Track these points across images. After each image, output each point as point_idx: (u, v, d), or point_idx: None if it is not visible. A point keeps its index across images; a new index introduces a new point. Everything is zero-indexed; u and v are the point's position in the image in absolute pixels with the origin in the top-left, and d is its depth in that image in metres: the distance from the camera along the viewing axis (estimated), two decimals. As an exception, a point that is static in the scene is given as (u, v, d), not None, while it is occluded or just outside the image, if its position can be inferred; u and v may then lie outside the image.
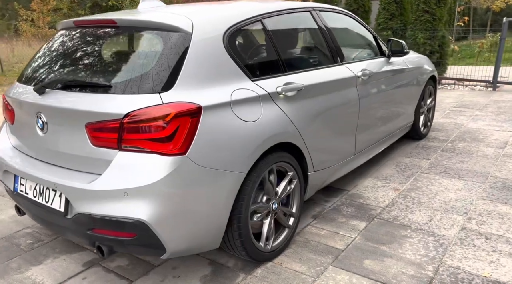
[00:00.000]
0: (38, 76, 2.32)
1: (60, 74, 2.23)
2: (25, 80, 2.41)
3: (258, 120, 2.23)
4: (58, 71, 2.26)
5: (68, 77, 2.17)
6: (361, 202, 3.21)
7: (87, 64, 2.20)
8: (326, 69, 2.87)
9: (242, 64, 2.31)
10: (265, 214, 2.41)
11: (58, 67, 2.28)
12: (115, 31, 2.27)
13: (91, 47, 2.26)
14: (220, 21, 2.28)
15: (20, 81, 2.46)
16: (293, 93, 2.51)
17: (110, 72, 2.10)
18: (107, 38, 2.27)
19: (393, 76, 3.70)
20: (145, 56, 2.09)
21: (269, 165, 2.33)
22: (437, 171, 3.77)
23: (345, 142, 3.10)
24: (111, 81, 2.05)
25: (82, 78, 2.14)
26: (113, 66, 2.12)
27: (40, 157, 2.29)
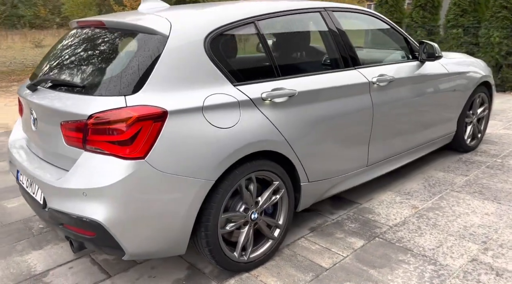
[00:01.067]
0: (37, 74, 2.46)
1: (50, 73, 2.34)
2: (32, 78, 2.57)
3: (234, 127, 2.15)
4: (50, 70, 2.37)
5: (54, 76, 2.27)
6: (369, 217, 2.98)
7: (72, 64, 2.28)
8: (330, 74, 2.69)
9: (226, 68, 2.24)
10: (242, 223, 2.33)
11: (52, 66, 2.39)
12: (104, 32, 2.33)
13: (82, 47, 2.34)
14: (203, 24, 2.23)
15: (30, 78, 2.64)
16: (283, 99, 2.39)
17: (87, 73, 2.16)
18: (97, 40, 2.33)
19: (425, 82, 3.37)
20: (119, 58, 2.11)
21: (246, 174, 2.24)
22: (470, 190, 3.37)
23: (353, 153, 2.89)
24: (85, 82, 2.10)
25: (64, 78, 2.23)
26: (90, 67, 2.18)
27: (34, 150, 2.43)
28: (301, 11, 2.71)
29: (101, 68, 2.12)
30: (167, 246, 2.08)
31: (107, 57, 2.15)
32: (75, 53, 2.33)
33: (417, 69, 3.32)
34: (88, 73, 2.16)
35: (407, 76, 3.19)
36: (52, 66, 2.39)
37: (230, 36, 2.35)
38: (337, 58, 2.82)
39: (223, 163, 2.10)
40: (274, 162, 2.39)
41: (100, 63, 2.15)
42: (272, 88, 2.36)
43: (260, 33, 2.43)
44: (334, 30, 2.82)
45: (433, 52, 3.27)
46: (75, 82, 2.14)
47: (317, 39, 2.87)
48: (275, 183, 2.44)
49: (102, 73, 2.09)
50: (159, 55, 2.05)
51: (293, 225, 2.91)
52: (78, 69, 2.22)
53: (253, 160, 2.28)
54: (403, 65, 3.24)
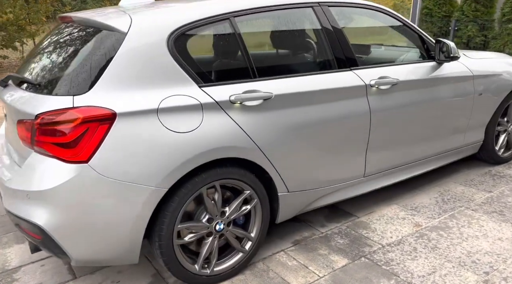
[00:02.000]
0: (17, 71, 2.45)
1: (20, 70, 2.31)
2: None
3: (194, 132, 2.00)
4: (22, 66, 2.35)
5: (21, 73, 2.24)
6: (361, 233, 2.71)
7: (38, 61, 2.23)
8: (317, 76, 2.44)
9: (193, 69, 2.09)
10: (205, 234, 2.19)
11: (26, 62, 2.37)
12: (72, 29, 2.26)
13: (51, 44, 2.29)
14: (168, 21, 2.08)
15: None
16: (257, 103, 2.20)
17: (45, 71, 2.10)
18: (64, 36, 2.27)
19: (442, 85, 3.01)
20: (76, 56, 2.03)
21: (208, 182, 2.09)
22: (489, 209, 2.98)
23: (345, 162, 2.63)
24: (42, 80, 2.04)
25: (26, 75, 2.18)
26: (50, 65, 2.11)
27: (6, 147, 2.43)
28: (289, 7, 2.47)
29: (59, 66, 2.05)
30: (116, 255, 1.99)
31: (66, 55, 2.08)
32: (44, 50, 2.29)
33: (432, 71, 2.96)
34: (46, 71, 2.10)
35: (417, 79, 2.86)
36: (25, 62, 2.37)
37: (199, 34, 2.18)
38: (329, 58, 2.56)
39: (178, 170, 1.96)
40: (244, 170, 2.21)
41: (58, 61, 2.09)
42: (244, 90, 2.17)
43: (236, 31, 2.25)
44: (328, 28, 2.56)
45: (447, 52, 2.89)
46: (33, 79, 2.09)
47: (307, 37, 2.63)
48: (246, 192, 2.26)
49: (58, 71, 2.02)
50: (114, 54, 1.94)
51: (277, 236, 2.71)
52: (41, 66, 2.17)
53: (217, 167, 2.11)
54: (414, 66, 2.90)
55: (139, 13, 2.10)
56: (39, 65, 2.19)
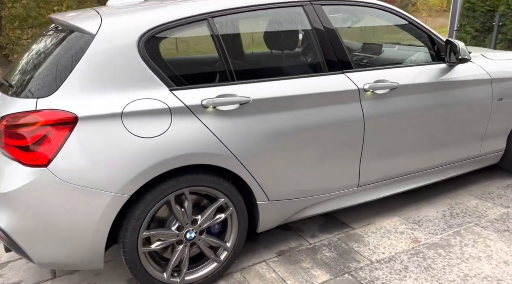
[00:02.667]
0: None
1: (7, 72, 2.34)
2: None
3: (160, 137, 1.93)
4: (11, 68, 2.36)
5: (7, 75, 2.26)
6: (352, 247, 2.54)
7: (20, 63, 2.24)
8: (302, 80, 2.29)
9: (164, 72, 2.02)
10: (175, 242, 2.12)
11: (13, 64, 2.38)
12: (53, 31, 2.26)
13: (36, 46, 2.29)
14: (140, 22, 2.02)
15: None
16: (233, 107, 2.09)
17: (20, 73, 2.10)
18: (46, 38, 2.26)
19: (452, 89, 2.75)
20: (47, 58, 2.01)
21: (176, 189, 2.02)
22: (501, 227, 2.70)
23: (335, 171, 2.47)
24: (16, 82, 2.05)
25: (5, 77, 2.20)
26: (25, 67, 2.12)
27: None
28: (276, 6, 2.34)
29: (31, 68, 2.05)
30: (79, 259, 1.96)
31: (40, 57, 2.07)
32: (27, 51, 2.29)
33: (441, 73, 2.72)
34: (21, 73, 2.10)
35: (422, 82, 2.63)
36: (14, 64, 2.39)
37: (174, 35, 2.11)
38: (318, 60, 2.41)
39: (140, 177, 1.90)
40: (218, 177, 2.12)
41: (33, 63, 2.08)
42: (218, 94, 2.08)
43: (214, 32, 2.15)
44: (319, 28, 2.40)
45: (456, 54, 2.64)
46: (9, 82, 2.10)
47: (294, 38, 2.48)
48: (220, 200, 2.17)
49: (29, 73, 2.02)
50: (81, 56, 1.90)
51: (262, 245, 2.61)
52: (19, 68, 2.18)
53: (187, 174, 2.04)
54: (419, 69, 2.67)
55: (111, 15, 2.06)
56: (18, 67, 2.20)
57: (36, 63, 2.05)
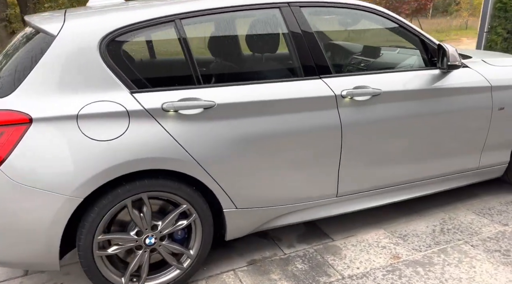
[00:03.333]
0: None
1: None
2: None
3: (116, 140, 1.91)
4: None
5: None
6: (327, 260, 2.43)
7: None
8: (273, 84, 2.20)
9: (126, 74, 1.99)
10: (134, 247, 2.09)
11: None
12: (26, 32, 2.27)
13: (9, 45, 2.32)
14: (103, 24, 2.00)
15: None
16: (196, 112, 2.04)
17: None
18: (20, 38, 2.28)
19: (445, 96, 2.58)
20: (10, 58, 2.02)
21: (133, 194, 1.99)
22: (493, 247, 2.51)
23: (311, 180, 2.37)
24: None
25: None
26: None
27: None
28: (250, 8, 2.26)
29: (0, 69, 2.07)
30: (36, 260, 1.96)
31: (8, 58, 2.08)
32: (1, 52, 2.32)
33: (432, 80, 2.55)
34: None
35: (410, 89, 2.48)
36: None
37: (138, 37, 2.07)
38: (294, 65, 2.31)
39: (94, 180, 1.88)
40: (179, 183, 2.08)
41: (1, 64, 2.10)
42: (180, 97, 2.03)
43: (181, 34, 2.10)
44: (296, 31, 2.30)
45: (447, 59, 2.46)
46: None
47: (268, 41, 2.38)
48: (183, 206, 2.12)
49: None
50: (40, 57, 1.90)
51: (236, 253, 2.54)
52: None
53: (145, 178, 2.00)
54: (406, 75, 2.52)
55: (75, 16, 2.04)
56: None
57: (3, 64, 2.07)
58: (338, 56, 3.15)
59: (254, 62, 2.48)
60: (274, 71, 2.37)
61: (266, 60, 2.45)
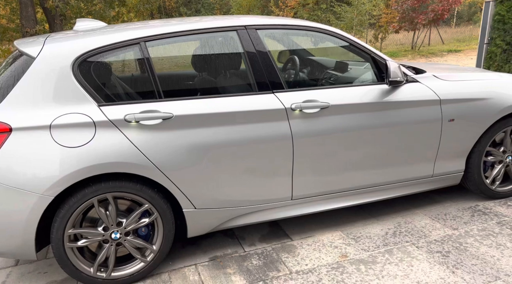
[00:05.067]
0: None
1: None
2: None
3: (83, 147, 2.22)
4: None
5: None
6: (282, 258, 2.68)
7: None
8: (228, 98, 2.49)
9: (95, 90, 2.32)
10: (101, 241, 2.39)
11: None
12: (15, 53, 2.61)
13: (3, 65, 2.67)
14: (76, 46, 2.33)
15: None
16: (155, 122, 2.34)
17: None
18: (9, 59, 2.62)
19: (394, 109, 2.80)
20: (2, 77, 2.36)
21: (98, 193, 2.29)
22: (436, 248, 2.70)
23: (265, 184, 2.63)
24: None
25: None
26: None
27: None
28: (209, 31, 2.56)
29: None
30: (14, 251, 2.28)
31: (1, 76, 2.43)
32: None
33: (381, 94, 2.78)
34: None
35: (357, 103, 2.72)
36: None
37: (107, 57, 2.39)
38: (249, 81, 2.59)
39: (64, 181, 2.19)
40: (141, 185, 2.37)
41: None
42: (141, 110, 2.33)
43: (145, 55, 2.41)
44: (252, 51, 2.58)
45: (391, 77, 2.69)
46: None
47: (224, 60, 2.67)
48: (145, 206, 2.41)
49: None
50: (22, 76, 2.24)
51: (201, 249, 2.81)
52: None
53: (110, 180, 2.30)
54: (355, 89, 2.76)
55: (54, 40, 2.38)
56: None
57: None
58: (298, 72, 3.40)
59: (211, 78, 2.77)
60: (230, 86, 2.65)
61: (224, 77, 2.74)
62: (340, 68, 3.32)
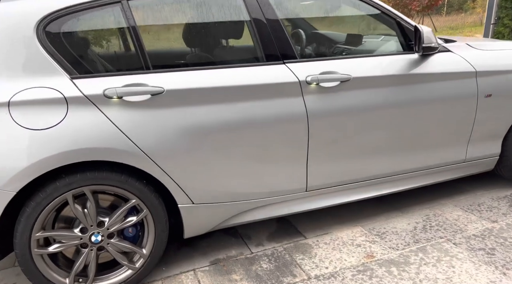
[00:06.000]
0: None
1: None
2: None
3: (51, 129, 1.77)
4: None
5: None
6: (295, 259, 2.26)
7: None
8: (230, 70, 2.04)
9: (66, 59, 1.86)
10: (79, 245, 1.95)
11: None
12: None
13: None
14: (42, 5, 1.86)
15: None
16: (142, 98, 1.89)
17: None
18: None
19: (423, 83, 2.38)
20: None
21: (74, 187, 1.84)
22: (477, 245, 2.31)
23: (276, 173, 2.20)
24: None
25: None
26: None
27: None
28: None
29: None
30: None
31: None
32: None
33: (409, 65, 2.36)
34: None
35: (383, 75, 2.29)
36: None
37: (81, 19, 1.93)
38: (254, 50, 2.15)
39: (28, 172, 1.74)
40: (126, 175, 1.93)
41: None
42: (125, 83, 1.88)
43: (128, 16, 1.95)
44: (258, 15, 2.13)
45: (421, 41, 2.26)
46: None
47: (225, 25, 2.22)
48: (132, 201, 1.97)
49: None
50: (-28, 41, 1.77)
51: (199, 252, 2.39)
52: None
53: (87, 171, 1.86)
54: (380, 59, 2.33)
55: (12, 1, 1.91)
56: None
57: None
58: (310, 43, 2.97)
59: (211, 46, 2.32)
60: (232, 55, 2.22)
61: (224, 45, 2.29)
62: (353, 41, 2.89)
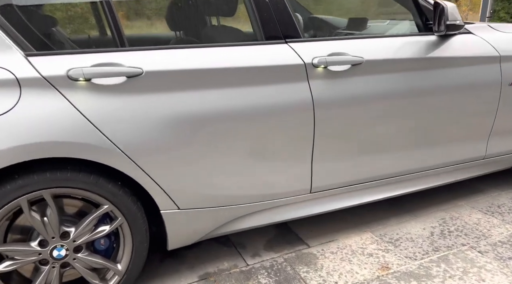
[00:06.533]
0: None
1: None
2: None
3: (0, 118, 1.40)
4: None
5: None
6: (298, 272, 1.93)
7: None
8: (221, 49, 1.71)
9: (22, 33, 1.49)
10: (38, 262, 1.59)
11: None
12: None
13: None
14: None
15: None
16: (116, 81, 1.54)
17: None
18: None
19: (442, 68, 2.09)
20: None
21: (29, 191, 1.48)
22: (506, 253, 2.02)
23: (276, 173, 1.87)
24: None
25: None
26: None
27: None
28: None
29: None
30: None
31: None
32: None
33: (427, 47, 2.06)
34: None
35: (398, 58, 1.99)
36: None
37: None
38: (253, 26, 1.82)
39: (-29, 172, 1.38)
40: (97, 176, 1.57)
41: None
42: (95, 62, 1.53)
43: (99, -18, 1.60)
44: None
45: (445, 17, 1.97)
46: None
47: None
48: (104, 207, 1.62)
49: None
50: None
51: (187, 265, 2.05)
52: None
53: (47, 171, 1.50)
54: (395, 41, 2.03)
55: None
56: None
57: None
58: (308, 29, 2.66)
59: (200, 22, 1.98)
60: (225, 33, 1.88)
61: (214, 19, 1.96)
62: (357, 26, 2.59)
